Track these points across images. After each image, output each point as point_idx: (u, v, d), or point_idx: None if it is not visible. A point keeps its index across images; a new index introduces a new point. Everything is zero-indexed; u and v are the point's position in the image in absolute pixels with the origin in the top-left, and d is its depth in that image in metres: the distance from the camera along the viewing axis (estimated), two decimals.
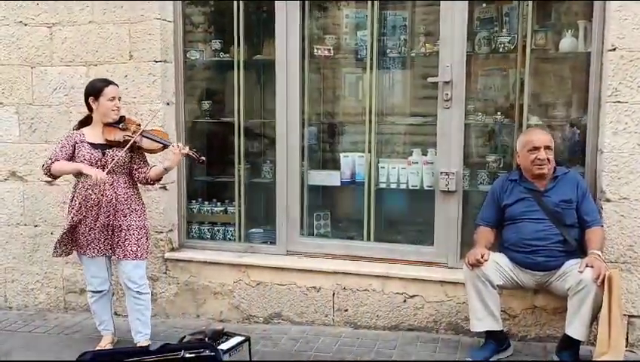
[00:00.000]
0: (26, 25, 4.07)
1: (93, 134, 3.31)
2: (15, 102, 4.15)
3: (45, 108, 4.10)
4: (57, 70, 4.05)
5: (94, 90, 3.31)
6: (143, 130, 3.31)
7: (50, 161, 3.26)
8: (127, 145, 3.25)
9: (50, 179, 3.52)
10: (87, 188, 3.25)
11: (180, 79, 4.05)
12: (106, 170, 3.21)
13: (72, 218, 3.30)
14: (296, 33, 3.84)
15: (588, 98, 3.40)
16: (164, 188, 3.95)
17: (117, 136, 3.28)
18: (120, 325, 3.63)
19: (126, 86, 3.88)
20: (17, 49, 4.10)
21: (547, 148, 3.20)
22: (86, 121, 3.40)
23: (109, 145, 3.29)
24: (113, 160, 3.24)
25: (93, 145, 3.27)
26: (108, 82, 3.35)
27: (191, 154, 3.30)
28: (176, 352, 2.96)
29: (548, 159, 3.19)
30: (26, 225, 4.23)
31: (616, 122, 3.23)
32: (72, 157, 3.27)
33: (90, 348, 3.38)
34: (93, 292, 3.42)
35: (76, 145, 3.28)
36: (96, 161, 3.25)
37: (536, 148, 3.20)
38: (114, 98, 3.30)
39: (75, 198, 3.32)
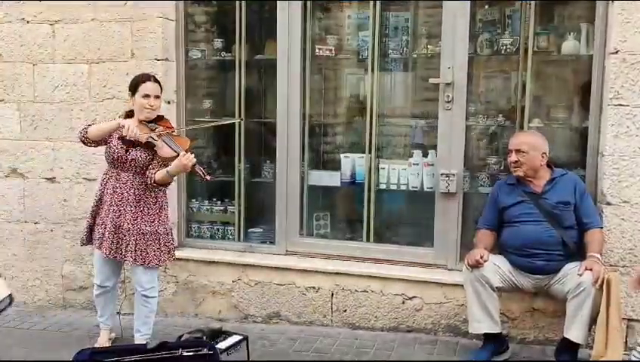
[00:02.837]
0: (28, 22, 4.08)
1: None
2: (17, 99, 4.16)
3: (47, 105, 4.11)
4: (59, 67, 4.06)
5: (132, 85, 3.24)
6: (164, 135, 3.15)
7: (85, 127, 3.21)
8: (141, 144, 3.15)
9: (88, 147, 3.31)
10: (107, 183, 3.24)
11: (181, 78, 4.05)
12: (115, 168, 3.20)
13: (92, 209, 3.32)
14: (298, 33, 3.84)
15: (590, 101, 3.39)
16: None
17: (143, 136, 3.12)
18: (122, 323, 3.63)
19: (127, 84, 3.87)
20: (19, 46, 4.11)
21: (518, 151, 3.22)
22: (131, 114, 3.30)
23: (134, 143, 3.16)
24: (134, 159, 3.17)
25: (123, 140, 3.17)
26: (146, 78, 3.23)
27: (196, 170, 3.13)
28: (174, 350, 2.95)
29: (521, 162, 3.21)
30: (26, 222, 4.23)
31: (617, 125, 3.22)
32: (105, 141, 3.22)
33: (89, 346, 3.38)
34: (98, 285, 3.42)
35: (113, 133, 3.20)
36: (118, 157, 3.19)
37: (510, 151, 3.26)
38: (148, 96, 3.17)
39: (98, 191, 3.33)
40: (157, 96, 3.23)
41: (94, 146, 3.29)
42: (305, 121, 4.00)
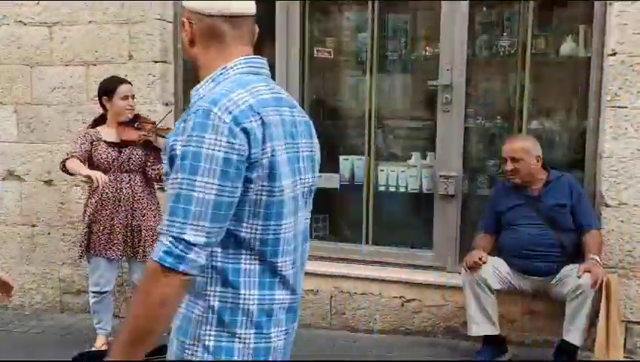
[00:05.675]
0: (25, 24, 4.06)
1: (109, 133, 3.31)
2: (14, 102, 4.14)
3: (44, 107, 4.09)
4: (56, 70, 4.04)
5: (107, 89, 3.32)
6: (158, 129, 3.32)
7: (67, 157, 3.23)
8: (141, 143, 3.26)
9: (65, 176, 3.44)
10: (104, 187, 3.22)
11: (179, 80, 4.04)
12: (112, 171, 3.22)
13: (89, 217, 3.29)
14: (297, 35, 3.84)
15: (588, 103, 3.39)
16: (163, 189, 3.94)
17: (132, 135, 3.29)
18: (118, 326, 3.62)
19: None
20: (17, 48, 4.09)
21: (513, 159, 3.21)
22: (100, 120, 3.40)
23: (125, 144, 3.29)
24: (130, 159, 3.26)
25: (110, 144, 3.28)
26: (121, 81, 3.37)
27: None
28: None
29: (517, 169, 3.21)
30: (23, 224, 4.21)
31: (616, 127, 3.22)
32: (90, 155, 3.26)
33: (86, 349, 3.37)
34: (98, 293, 3.38)
35: (93, 144, 3.28)
36: (113, 160, 3.25)
37: (505, 160, 3.26)
38: (127, 97, 3.31)
39: (91, 197, 3.32)
40: (133, 96, 3.37)
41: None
42: None
